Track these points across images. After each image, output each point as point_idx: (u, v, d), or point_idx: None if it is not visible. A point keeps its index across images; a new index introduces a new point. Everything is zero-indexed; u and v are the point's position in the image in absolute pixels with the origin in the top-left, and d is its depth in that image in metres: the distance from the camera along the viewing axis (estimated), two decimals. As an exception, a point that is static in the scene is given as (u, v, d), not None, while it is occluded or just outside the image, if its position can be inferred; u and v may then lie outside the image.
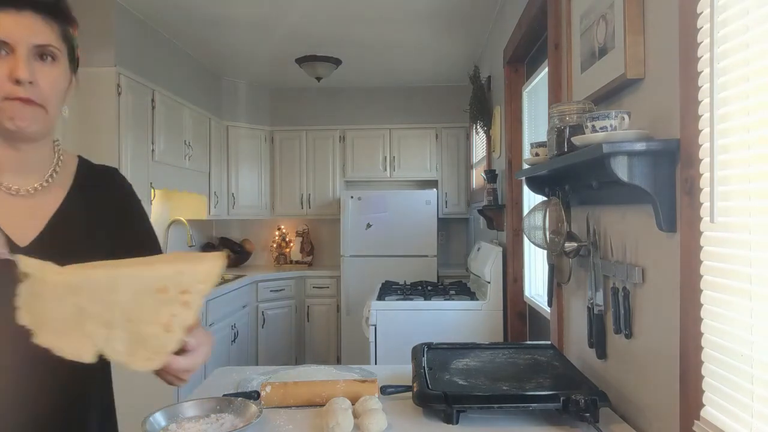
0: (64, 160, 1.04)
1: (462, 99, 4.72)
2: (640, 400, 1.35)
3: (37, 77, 0.88)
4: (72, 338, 0.75)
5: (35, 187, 0.96)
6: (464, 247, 5.45)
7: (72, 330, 0.75)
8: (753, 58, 0.90)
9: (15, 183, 0.94)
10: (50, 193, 0.99)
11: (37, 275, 0.74)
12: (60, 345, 0.75)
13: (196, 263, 0.80)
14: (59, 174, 1.01)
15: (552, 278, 2.00)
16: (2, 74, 0.86)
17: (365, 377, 1.63)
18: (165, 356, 0.79)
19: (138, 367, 0.78)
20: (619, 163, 1.17)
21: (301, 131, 5.36)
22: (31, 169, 0.97)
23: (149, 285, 0.77)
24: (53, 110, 0.93)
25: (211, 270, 0.81)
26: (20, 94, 0.87)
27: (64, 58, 0.94)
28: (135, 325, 0.77)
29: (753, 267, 0.91)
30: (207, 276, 0.80)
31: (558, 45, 1.99)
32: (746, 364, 0.92)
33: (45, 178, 0.99)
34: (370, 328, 3.15)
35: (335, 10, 3.50)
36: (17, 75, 0.86)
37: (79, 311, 0.75)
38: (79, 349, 0.76)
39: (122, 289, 0.76)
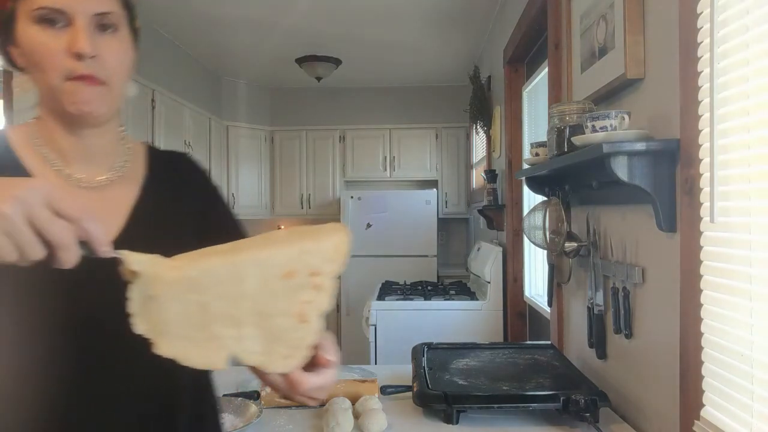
0: (133, 148, 0.93)
1: (462, 99, 4.72)
2: (640, 400, 1.35)
3: (100, 50, 0.76)
4: (199, 344, 0.63)
5: (108, 178, 0.86)
6: (464, 247, 5.45)
7: (198, 334, 0.63)
8: (753, 58, 0.90)
9: (84, 174, 0.83)
10: (123, 184, 0.87)
11: (150, 273, 0.61)
12: (187, 354, 0.62)
13: (320, 239, 0.66)
14: (130, 163, 0.90)
15: (552, 278, 2.00)
16: (60, 49, 0.74)
17: (365, 377, 1.63)
18: (304, 351, 0.67)
19: (277, 368, 0.66)
20: (619, 163, 1.17)
21: (301, 131, 5.36)
22: (97, 159, 0.85)
23: (275, 270, 0.64)
24: (119, 88, 0.82)
25: (340, 245, 0.67)
26: (82, 71, 0.75)
27: (126, 27, 0.83)
28: (266, 320, 0.64)
29: (753, 267, 0.91)
30: (336, 252, 0.67)
31: (558, 45, 1.99)
32: (746, 364, 0.92)
33: (115, 168, 0.87)
34: (370, 328, 3.15)
35: (335, 10, 3.50)
36: (78, 48, 0.73)
37: (203, 310, 0.62)
38: (209, 355, 0.63)
39: (248, 279, 0.63)
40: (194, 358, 0.62)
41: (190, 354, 0.62)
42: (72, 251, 0.57)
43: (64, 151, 0.82)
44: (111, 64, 0.78)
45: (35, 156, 0.81)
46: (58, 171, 0.82)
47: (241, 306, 0.63)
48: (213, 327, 0.63)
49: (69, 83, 0.75)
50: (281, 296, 0.64)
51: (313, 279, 0.65)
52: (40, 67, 0.75)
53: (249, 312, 0.64)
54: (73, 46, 0.74)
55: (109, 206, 0.84)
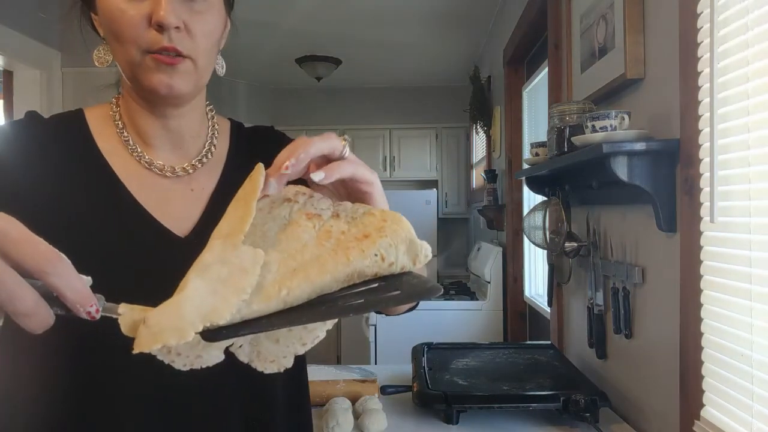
0: (219, 129, 0.84)
1: (462, 99, 4.72)
2: (640, 400, 1.35)
3: (185, 20, 0.66)
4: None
5: (193, 165, 0.77)
6: (464, 247, 5.45)
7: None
8: (753, 58, 0.90)
9: (167, 161, 0.75)
10: (206, 170, 0.78)
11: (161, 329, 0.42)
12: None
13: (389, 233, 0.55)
14: (215, 146, 0.81)
15: (552, 278, 2.00)
16: (141, 18, 0.65)
17: (365, 377, 1.63)
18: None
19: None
20: (619, 163, 1.17)
21: (301, 131, 5.35)
22: (182, 143, 0.76)
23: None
24: (206, 64, 0.71)
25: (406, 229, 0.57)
26: (164, 44, 0.65)
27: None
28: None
29: (753, 267, 0.91)
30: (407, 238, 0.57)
31: (558, 45, 1.99)
32: (746, 364, 0.92)
33: (202, 153, 0.78)
34: (370, 328, 3.15)
35: (335, 10, 3.50)
36: (160, 18, 0.63)
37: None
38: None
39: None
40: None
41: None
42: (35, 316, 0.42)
43: (146, 134, 0.74)
44: (197, 37, 0.68)
45: (113, 139, 0.74)
46: (139, 156, 0.73)
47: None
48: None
49: (149, 57, 0.66)
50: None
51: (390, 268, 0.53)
52: (119, 38, 0.66)
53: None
54: (155, 16, 0.64)
55: (189, 196, 0.75)
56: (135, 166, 0.73)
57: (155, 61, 0.66)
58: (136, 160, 0.74)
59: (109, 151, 0.73)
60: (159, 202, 0.72)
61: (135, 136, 0.74)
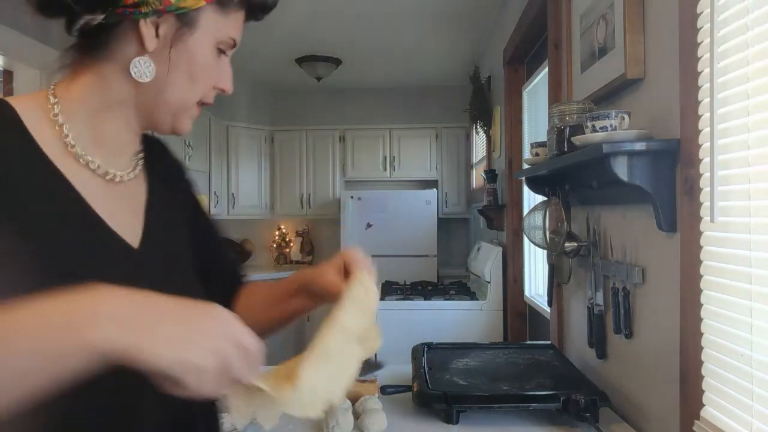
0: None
1: (462, 99, 4.72)
2: (640, 400, 1.35)
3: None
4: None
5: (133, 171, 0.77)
6: (464, 247, 5.45)
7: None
8: (753, 58, 0.90)
9: (111, 166, 0.73)
10: (138, 178, 0.78)
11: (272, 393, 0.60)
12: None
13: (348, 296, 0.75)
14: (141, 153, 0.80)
15: (552, 278, 2.00)
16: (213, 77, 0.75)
17: (365, 377, 1.63)
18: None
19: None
20: (619, 163, 1.17)
21: (301, 131, 5.36)
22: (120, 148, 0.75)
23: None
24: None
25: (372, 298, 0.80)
26: (210, 102, 0.77)
27: None
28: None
29: (753, 267, 0.91)
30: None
31: (558, 45, 1.99)
32: (746, 364, 0.92)
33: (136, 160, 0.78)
34: (370, 328, 3.15)
35: (335, 10, 3.50)
36: (227, 90, 0.77)
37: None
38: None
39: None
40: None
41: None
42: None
43: (88, 136, 0.71)
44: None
45: (53, 138, 0.69)
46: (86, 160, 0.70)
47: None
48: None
49: (197, 107, 0.76)
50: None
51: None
52: (193, 79, 0.72)
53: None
54: (225, 85, 0.77)
55: (132, 205, 0.76)
56: (82, 170, 0.70)
57: (198, 110, 0.76)
58: (80, 164, 0.70)
59: (49, 149, 0.68)
60: (110, 211, 0.71)
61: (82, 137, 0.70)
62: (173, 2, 0.67)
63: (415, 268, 4.60)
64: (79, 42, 0.71)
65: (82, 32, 0.69)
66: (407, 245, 4.68)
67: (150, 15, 0.67)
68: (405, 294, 3.42)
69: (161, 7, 0.67)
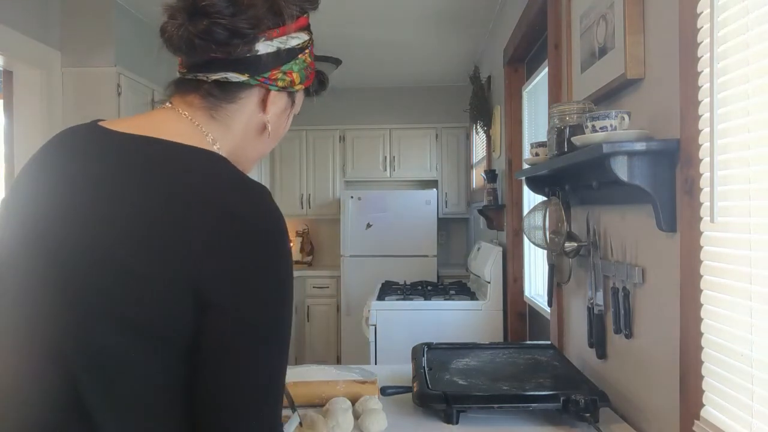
0: None
1: (462, 99, 4.72)
2: (640, 400, 1.35)
3: None
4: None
5: None
6: (464, 247, 5.45)
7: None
8: (753, 58, 0.90)
9: None
10: None
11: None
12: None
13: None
14: None
15: (552, 278, 2.00)
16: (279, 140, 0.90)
17: (365, 377, 1.63)
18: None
19: None
20: (619, 163, 1.17)
21: (301, 131, 5.36)
22: None
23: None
24: None
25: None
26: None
27: None
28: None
29: (753, 267, 0.91)
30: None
31: (558, 45, 1.99)
32: (746, 364, 0.92)
33: None
34: (370, 328, 3.15)
35: (335, 10, 3.50)
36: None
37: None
38: None
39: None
40: None
41: None
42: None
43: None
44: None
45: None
46: None
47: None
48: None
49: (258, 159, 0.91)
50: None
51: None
52: (275, 138, 0.88)
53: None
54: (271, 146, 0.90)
55: None
56: None
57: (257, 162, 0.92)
58: None
59: None
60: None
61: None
62: (296, 83, 0.84)
63: (415, 268, 4.60)
64: (211, 86, 0.79)
65: (219, 82, 0.79)
66: (407, 245, 4.68)
67: (279, 89, 0.83)
68: (405, 294, 3.41)
69: (288, 85, 0.83)
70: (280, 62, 0.81)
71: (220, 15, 0.75)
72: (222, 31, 0.75)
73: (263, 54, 0.79)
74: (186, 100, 0.80)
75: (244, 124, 0.82)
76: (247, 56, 0.77)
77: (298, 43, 0.84)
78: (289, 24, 0.82)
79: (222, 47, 0.76)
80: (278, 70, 0.81)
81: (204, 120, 0.79)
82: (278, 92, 0.83)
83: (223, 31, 0.75)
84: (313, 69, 0.90)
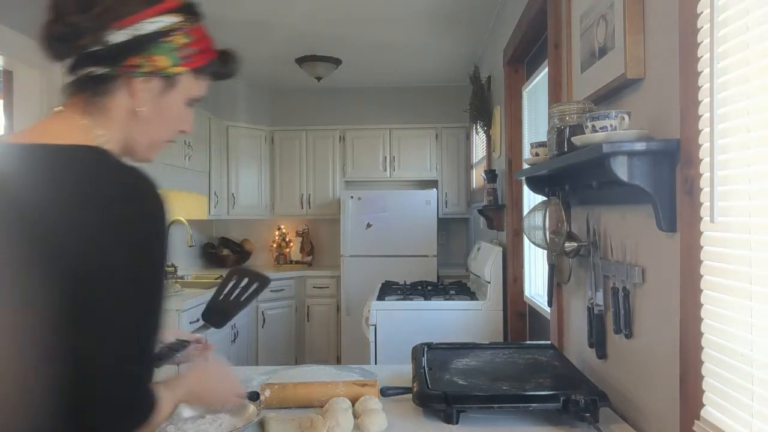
0: None
1: (462, 99, 4.72)
2: (640, 400, 1.35)
3: None
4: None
5: None
6: (464, 247, 5.45)
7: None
8: (753, 58, 0.90)
9: None
10: None
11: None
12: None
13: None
14: None
15: (552, 278, 2.00)
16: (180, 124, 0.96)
17: (365, 377, 1.63)
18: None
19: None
20: (619, 163, 1.17)
21: (301, 131, 5.36)
22: None
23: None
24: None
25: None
26: (174, 140, 0.99)
27: None
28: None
29: (753, 267, 0.91)
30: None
31: (558, 45, 1.99)
32: (746, 364, 0.92)
33: None
34: (370, 328, 3.15)
35: (335, 10, 3.50)
36: (188, 130, 0.98)
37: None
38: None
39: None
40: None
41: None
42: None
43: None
44: None
45: None
46: None
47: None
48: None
49: (165, 144, 0.97)
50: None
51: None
52: (164, 124, 0.94)
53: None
54: (187, 128, 0.98)
55: None
56: None
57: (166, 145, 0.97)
58: None
59: None
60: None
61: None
62: (164, 67, 0.87)
63: (415, 268, 4.60)
64: (83, 83, 0.86)
65: (87, 78, 0.85)
66: (407, 245, 4.68)
67: (144, 75, 0.87)
68: (405, 294, 3.41)
69: (154, 69, 0.87)
70: (138, 49, 0.84)
71: (64, 14, 0.81)
72: (64, 28, 0.80)
73: (115, 44, 0.83)
74: (72, 101, 0.87)
75: (123, 114, 0.88)
76: (101, 48, 0.82)
77: (159, 27, 0.86)
78: (141, 11, 0.84)
79: (70, 45, 0.81)
80: (138, 56, 0.85)
81: (86, 116, 0.86)
82: (146, 78, 0.87)
83: (65, 28, 0.80)
84: (200, 50, 0.92)
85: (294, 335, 5.03)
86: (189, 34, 0.90)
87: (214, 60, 0.96)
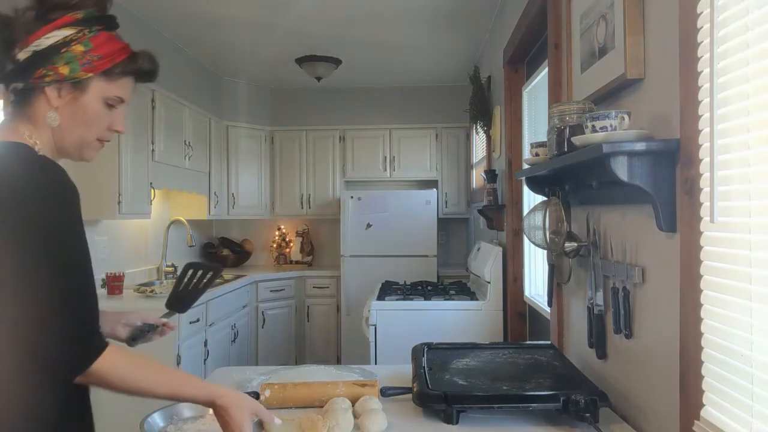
0: None
1: (462, 99, 4.72)
2: (640, 400, 1.35)
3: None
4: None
5: None
6: (464, 247, 5.45)
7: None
8: (753, 58, 0.90)
9: None
10: None
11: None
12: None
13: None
14: None
15: (552, 278, 2.00)
16: (107, 123, 1.07)
17: (365, 377, 1.63)
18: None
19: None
20: (619, 163, 1.17)
21: (301, 131, 5.36)
22: None
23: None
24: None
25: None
26: (108, 139, 1.10)
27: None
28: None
29: (753, 267, 0.91)
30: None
31: (558, 45, 1.99)
32: (746, 364, 0.92)
33: None
34: (370, 328, 3.15)
35: (335, 10, 3.50)
36: (119, 129, 1.10)
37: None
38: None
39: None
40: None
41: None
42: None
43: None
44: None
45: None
46: None
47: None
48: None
49: (97, 143, 1.08)
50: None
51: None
52: (86, 125, 1.04)
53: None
54: (118, 127, 1.10)
55: None
56: None
57: (100, 145, 1.10)
58: None
59: None
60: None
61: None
62: (66, 74, 1.00)
63: (415, 268, 4.60)
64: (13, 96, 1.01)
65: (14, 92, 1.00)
66: (407, 245, 4.68)
67: (52, 83, 1.00)
68: (405, 294, 3.41)
69: (59, 78, 0.99)
70: (42, 62, 0.98)
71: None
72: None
73: (23, 60, 0.98)
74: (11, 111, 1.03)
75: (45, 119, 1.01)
76: (13, 67, 0.98)
77: (55, 41, 0.98)
78: (38, 29, 0.98)
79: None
80: (43, 68, 0.98)
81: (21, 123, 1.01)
82: (54, 86, 1.00)
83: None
84: (103, 55, 1.02)
85: (294, 335, 5.03)
86: (89, 42, 1.01)
87: (122, 62, 1.05)
